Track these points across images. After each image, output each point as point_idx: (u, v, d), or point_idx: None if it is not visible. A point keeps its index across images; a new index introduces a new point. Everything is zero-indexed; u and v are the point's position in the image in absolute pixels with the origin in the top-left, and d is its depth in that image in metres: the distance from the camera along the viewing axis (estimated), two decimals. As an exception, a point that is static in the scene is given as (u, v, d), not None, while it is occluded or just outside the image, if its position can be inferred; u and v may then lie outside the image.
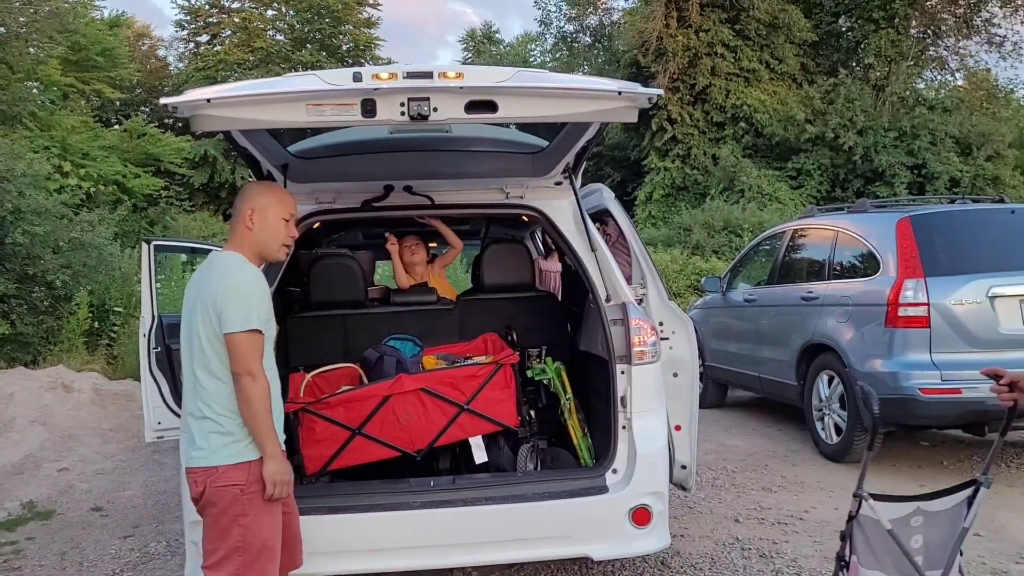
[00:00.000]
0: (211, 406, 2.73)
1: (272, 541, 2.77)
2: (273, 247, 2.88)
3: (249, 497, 2.71)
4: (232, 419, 2.73)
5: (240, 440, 2.73)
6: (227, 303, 2.67)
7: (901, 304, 5.75)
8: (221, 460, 2.72)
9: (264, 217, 2.84)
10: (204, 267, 2.87)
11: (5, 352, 10.09)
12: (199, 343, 2.73)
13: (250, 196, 2.89)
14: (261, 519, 2.73)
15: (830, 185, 20.21)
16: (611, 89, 2.84)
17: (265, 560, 2.75)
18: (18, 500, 5.90)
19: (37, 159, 11.89)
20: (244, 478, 2.71)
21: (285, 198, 2.93)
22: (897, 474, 6.07)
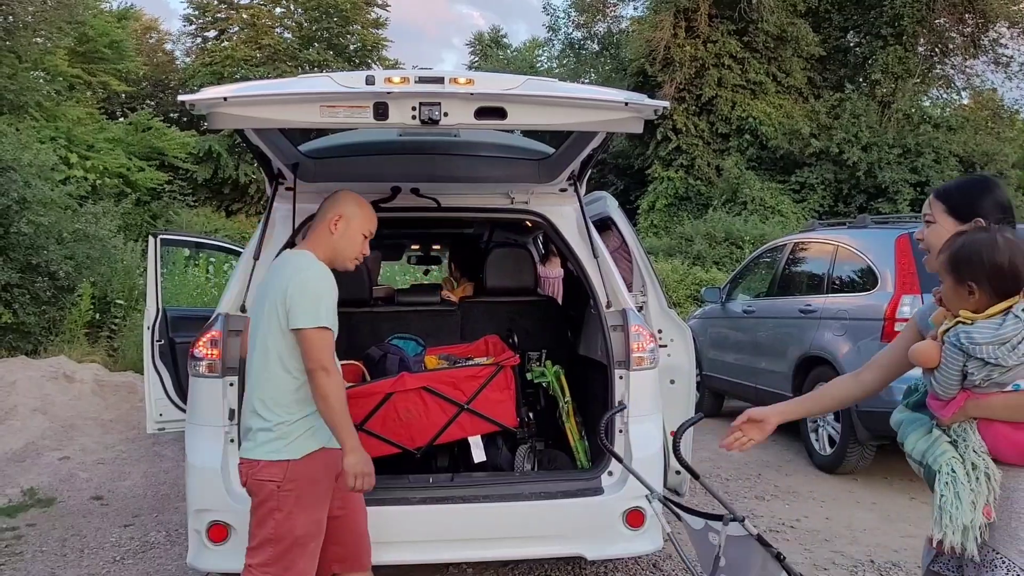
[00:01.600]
0: (264, 401, 2.82)
1: (304, 538, 2.81)
2: (347, 256, 2.99)
3: (284, 494, 2.78)
4: (279, 415, 2.80)
5: (282, 438, 2.80)
6: (297, 299, 2.75)
7: (897, 319, 5.80)
8: (262, 455, 2.80)
9: (348, 226, 2.96)
10: (276, 264, 2.97)
11: (7, 341, 10.14)
12: (263, 337, 2.82)
13: (340, 203, 2.99)
14: (294, 516, 2.78)
15: (833, 200, 20.26)
16: (618, 100, 2.89)
17: (295, 555, 2.80)
18: (19, 487, 5.96)
19: (43, 149, 11.96)
20: (281, 475, 2.78)
21: (371, 215, 3.06)
22: (889, 487, 6.13)
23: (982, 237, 2.18)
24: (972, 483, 2.15)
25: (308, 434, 2.83)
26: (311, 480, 2.83)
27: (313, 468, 2.83)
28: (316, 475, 2.84)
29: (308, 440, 2.83)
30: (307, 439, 2.83)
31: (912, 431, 2.33)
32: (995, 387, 2.14)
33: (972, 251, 2.17)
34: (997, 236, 2.15)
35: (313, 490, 2.84)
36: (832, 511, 5.53)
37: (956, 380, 2.19)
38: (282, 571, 2.79)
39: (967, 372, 2.16)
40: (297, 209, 3.96)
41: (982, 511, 2.12)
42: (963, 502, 2.13)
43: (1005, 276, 2.13)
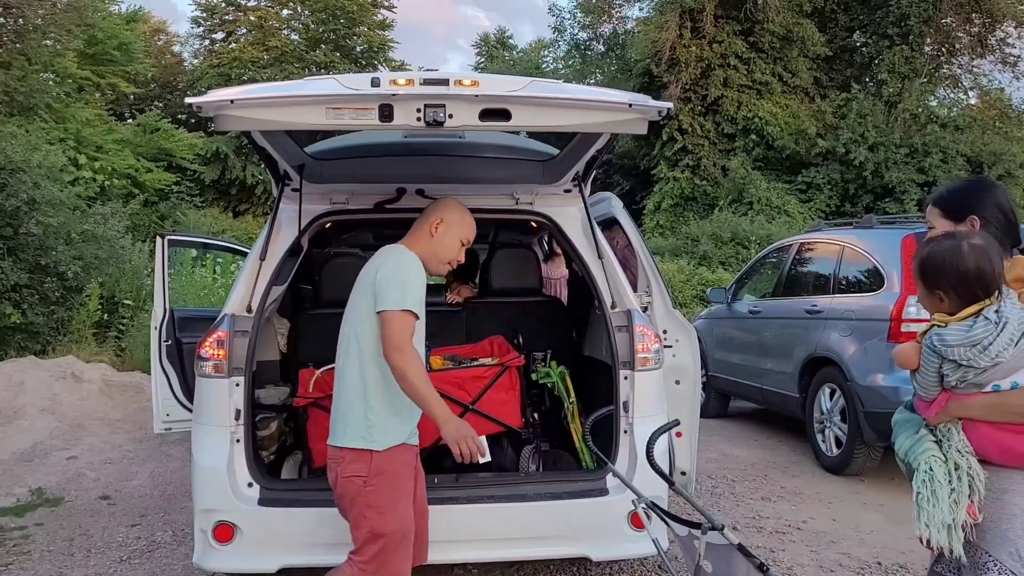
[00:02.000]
0: (353, 390, 2.89)
1: (401, 532, 2.86)
2: (442, 259, 3.08)
3: (372, 488, 2.83)
4: (366, 405, 2.86)
5: (369, 427, 2.85)
6: (385, 284, 2.84)
7: (904, 320, 5.80)
8: (348, 442, 2.86)
9: (448, 230, 3.07)
10: (375, 257, 3.03)
11: (16, 341, 10.19)
12: (354, 326, 2.93)
13: (443, 208, 3.12)
14: (386, 512, 2.83)
15: (840, 200, 20.21)
16: (622, 101, 2.90)
17: (393, 550, 2.85)
18: (27, 487, 5.99)
19: (52, 151, 12.01)
20: (365, 470, 2.83)
21: (472, 225, 3.17)
22: (896, 488, 6.12)
23: (947, 245, 2.20)
24: (954, 482, 2.16)
25: (392, 427, 2.89)
26: (395, 474, 2.87)
27: (396, 463, 2.88)
28: (399, 469, 2.89)
29: (391, 433, 2.89)
30: (391, 432, 2.89)
31: (902, 431, 2.36)
32: (974, 388, 2.16)
33: (937, 260, 2.20)
34: (962, 243, 2.16)
35: (397, 484, 2.88)
36: (839, 512, 5.52)
37: (934, 381, 2.22)
38: (379, 568, 2.84)
39: (943, 374, 2.18)
40: (303, 210, 3.98)
41: (965, 510, 2.13)
42: (940, 500, 2.15)
43: (971, 282, 2.15)
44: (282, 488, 3.71)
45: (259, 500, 3.54)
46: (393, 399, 2.89)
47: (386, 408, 2.88)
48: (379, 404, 2.88)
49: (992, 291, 2.14)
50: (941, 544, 2.16)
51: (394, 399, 2.89)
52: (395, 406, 2.90)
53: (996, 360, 2.08)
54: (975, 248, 2.15)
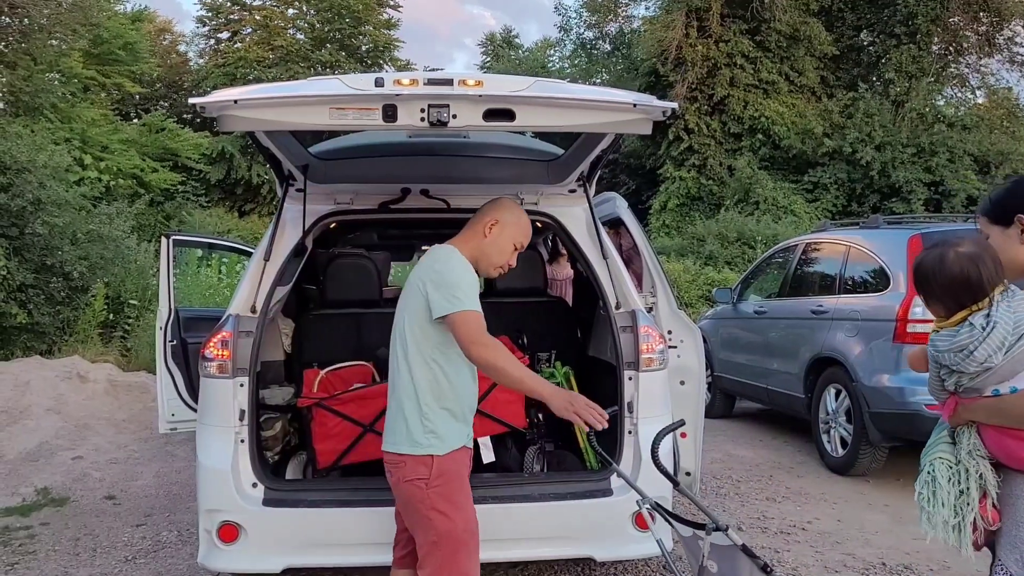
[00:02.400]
0: (407, 391, 2.80)
1: (467, 536, 2.79)
2: (493, 261, 3.00)
3: (435, 491, 2.75)
4: (422, 409, 2.78)
5: (428, 432, 2.77)
6: (439, 290, 2.74)
7: (910, 320, 5.78)
8: (406, 448, 2.78)
9: (502, 232, 2.97)
10: (423, 259, 2.96)
11: (22, 341, 10.21)
12: (402, 329, 2.85)
13: (499, 209, 3.03)
14: (452, 515, 2.76)
15: (846, 200, 20.16)
16: (626, 101, 2.89)
17: (463, 558, 2.78)
18: (33, 486, 6.01)
19: (58, 151, 12.03)
20: (427, 472, 2.75)
21: (527, 228, 3.07)
22: (902, 489, 6.10)
23: (932, 255, 2.22)
24: (961, 483, 2.17)
25: (452, 431, 2.82)
26: (456, 474, 2.82)
27: (457, 463, 2.82)
28: (459, 469, 2.84)
29: (452, 436, 2.82)
30: (452, 436, 2.82)
31: (934, 433, 2.37)
32: (974, 392, 2.16)
33: (922, 270, 2.23)
34: (948, 251, 2.18)
35: (460, 485, 2.82)
36: (844, 513, 5.51)
37: (937, 385, 2.24)
38: (448, 573, 2.77)
39: (942, 378, 2.20)
40: (307, 210, 3.98)
41: (977, 512, 2.14)
42: (940, 500, 2.16)
43: (957, 289, 2.16)
44: (286, 488, 3.71)
45: (263, 500, 3.54)
46: (449, 402, 2.82)
47: (443, 411, 2.81)
48: (435, 407, 2.80)
49: (980, 297, 2.14)
50: (950, 543, 2.18)
51: (450, 402, 2.82)
52: (452, 409, 2.83)
53: (984, 365, 2.08)
54: (960, 255, 2.16)
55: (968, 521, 2.15)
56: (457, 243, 2.96)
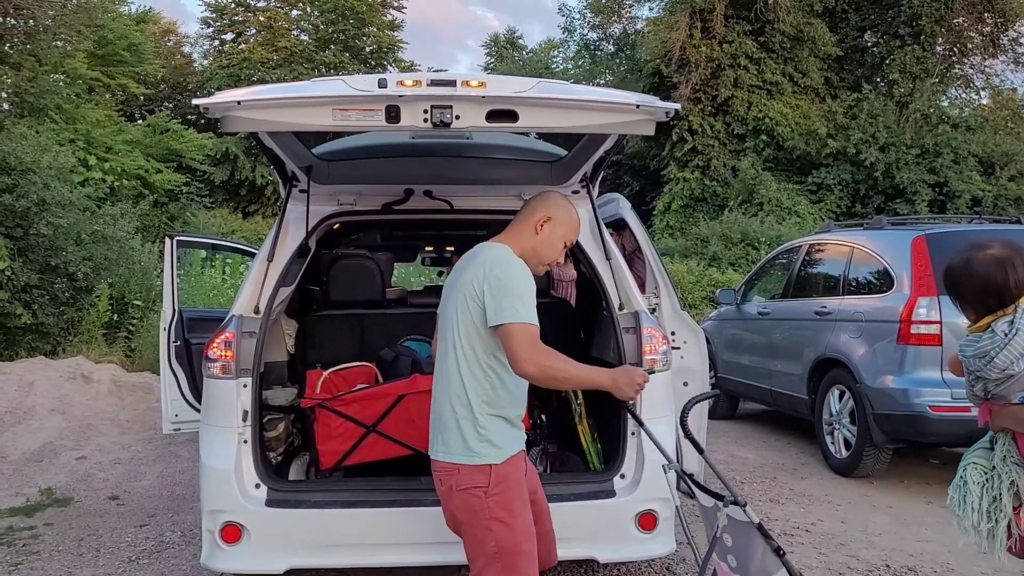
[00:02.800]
0: (459, 398, 2.68)
1: (527, 544, 2.68)
2: (543, 259, 2.90)
3: (494, 500, 2.63)
4: (475, 416, 2.66)
5: (485, 440, 2.66)
6: (496, 295, 2.60)
7: (914, 321, 5.77)
8: (461, 458, 2.66)
9: (554, 229, 2.86)
10: (468, 257, 2.83)
11: (26, 341, 10.25)
12: (455, 333, 2.70)
13: (551, 204, 2.90)
14: (512, 522, 2.65)
15: (851, 200, 20.13)
16: (629, 102, 2.88)
17: (524, 567, 2.68)
18: (37, 486, 6.02)
19: (63, 152, 12.06)
20: (486, 480, 2.64)
21: (577, 226, 2.97)
22: (905, 490, 6.09)
23: (960, 258, 2.21)
24: (994, 489, 2.15)
25: (507, 437, 2.72)
26: (516, 481, 2.71)
27: (515, 469, 2.72)
28: (518, 475, 2.73)
29: (511, 443, 2.72)
30: (510, 442, 2.72)
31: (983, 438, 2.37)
32: (1001, 399, 2.15)
33: (951, 273, 2.21)
34: (976, 254, 2.16)
35: (518, 491, 2.71)
36: (847, 515, 5.49)
37: (969, 390, 2.21)
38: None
39: (971, 383, 2.18)
40: (311, 211, 3.99)
41: (1012, 518, 2.12)
42: (967, 505, 2.15)
43: (983, 293, 2.15)
44: (289, 489, 3.72)
45: (266, 501, 3.54)
46: (505, 409, 2.72)
47: (499, 419, 2.70)
48: (489, 414, 2.67)
49: (1007, 301, 2.11)
50: (982, 548, 2.17)
51: (506, 408, 2.72)
52: (507, 416, 2.73)
53: (1006, 372, 2.06)
54: (987, 258, 2.13)
55: (1001, 527, 2.13)
56: (508, 241, 2.84)
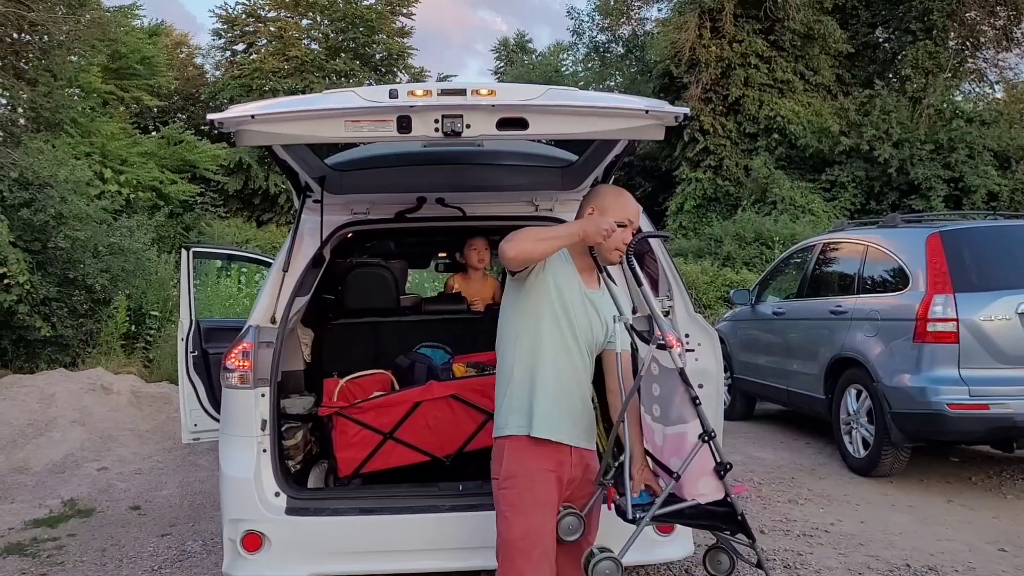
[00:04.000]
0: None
1: (523, 543, 2.73)
2: (607, 246, 2.89)
3: (503, 493, 2.79)
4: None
5: (500, 414, 2.85)
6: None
7: (930, 319, 5.75)
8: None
9: (604, 217, 2.88)
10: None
11: (46, 354, 10.35)
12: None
13: (595, 196, 3.00)
14: (511, 519, 2.75)
15: (865, 198, 20.00)
16: (639, 107, 2.89)
17: (518, 563, 2.73)
18: (60, 498, 6.09)
19: (79, 165, 12.18)
20: (498, 471, 2.82)
21: (627, 203, 2.97)
22: (925, 490, 6.06)
23: None
24: None
25: (513, 418, 2.80)
26: (528, 478, 2.77)
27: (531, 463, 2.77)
28: (532, 473, 2.77)
29: (513, 421, 2.80)
30: (513, 422, 2.80)
31: None
32: None
33: None
34: None
35: (531, 488, 2.75)
36: (867, 514, 5.47)
37: None
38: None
39: None
40: (325, 221, 4.02)
41: None
42: None
43: None
44: (309, 497, 3.75)
45: (286, 509, 3.57)
46: (512, 382, 2.87)
47: (504, 392, 2.90)
48: (501, 390, 2.90)
49: None
50: None
51: (512, 382, 2.87)
52: (513, 393, 2.87)
53: None
54: None
55: None
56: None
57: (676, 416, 2.71)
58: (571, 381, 2.83)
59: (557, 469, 2.80)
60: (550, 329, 2.81)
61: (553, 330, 2.81)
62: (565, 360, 2.81)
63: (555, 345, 2.80)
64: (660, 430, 2.77)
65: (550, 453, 2.79)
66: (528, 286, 2.82)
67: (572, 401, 2.84)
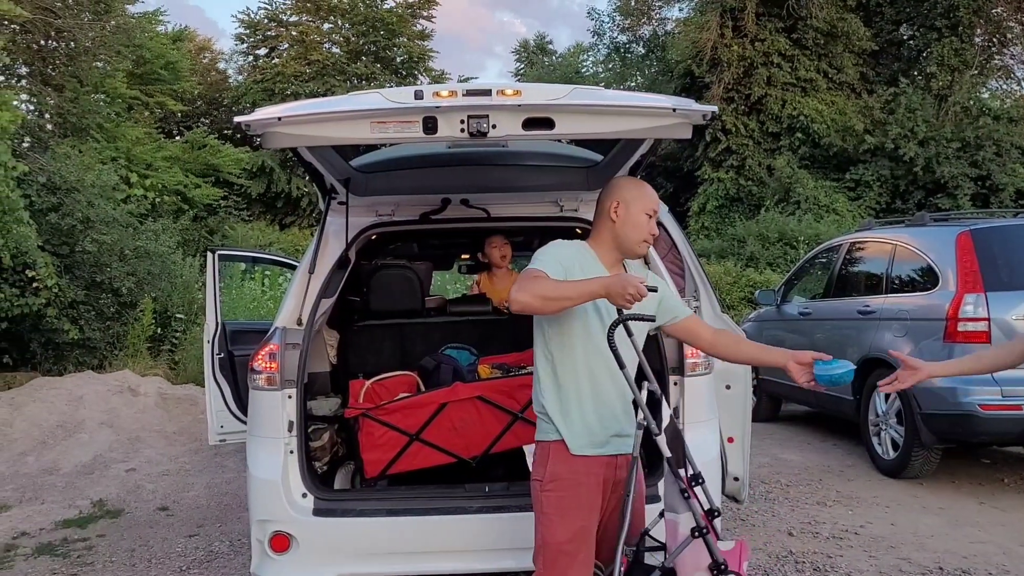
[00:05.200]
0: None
1: (569, 546, 2.68)
2: (634, 239, 2.84)
3: (546, 495, 2.71)
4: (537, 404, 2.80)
5: (542, 418, 2.78)
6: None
7: (961, 319, 5.67)
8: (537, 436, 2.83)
9: (628, 210, 2.83)
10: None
11: (75, 356, 10.47)
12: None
13: (615, 190, 2.91)
14: (556, 521, 2.69)
15: (890, 196, 19.81)
16: (666, 106, 2.87)
17: (563, 565, 2.69)
18: (89, 499, 6.15)
19: (105, 170, 12.32)
20: (541, 474, 2.73)
21: (649, 193, 2.90)
22: (957, 491, 5.97)
23: None
24: None
25: (555, 424, 2.74)
26: (573, 481, 2.71)
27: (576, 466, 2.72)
28: (577, 476, 2.72)
29: (555, 427, 2.75)
30: (555, 428, 2.75)
31: None
32: None
33: None
34: None
35: (576, 491, 2.71)
36: (897, 517, 5.40)
37: None
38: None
39: None
40: (350, 223, 4.03)
41: None
42: None
43: None
44: (336, 498, 3.75)
45: (313, 510, 3.58)
46: (556, 396, 2.79)
47: (552, 405, 2.79)
48: (548, 401, 2.79)
49: None
50: None
51: (557, 397, 2.79)
52: (562, 407, 2.78)
53: None
54: None
55: None
56: (591, 241, 2.90)
57: (668, 504, 2.68)
58: (607, 383, 2.77)
59: (602, 471, 2.76)
60: (582, 332, 2.75)
61: (587, 332, 2.75)
62: (599, 361, 2.75)
63: (588, 347, 2.75)
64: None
65: (594, 460, 2.75)
66: None
67: (609, 405, 2.77)
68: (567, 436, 2.72)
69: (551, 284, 2.58)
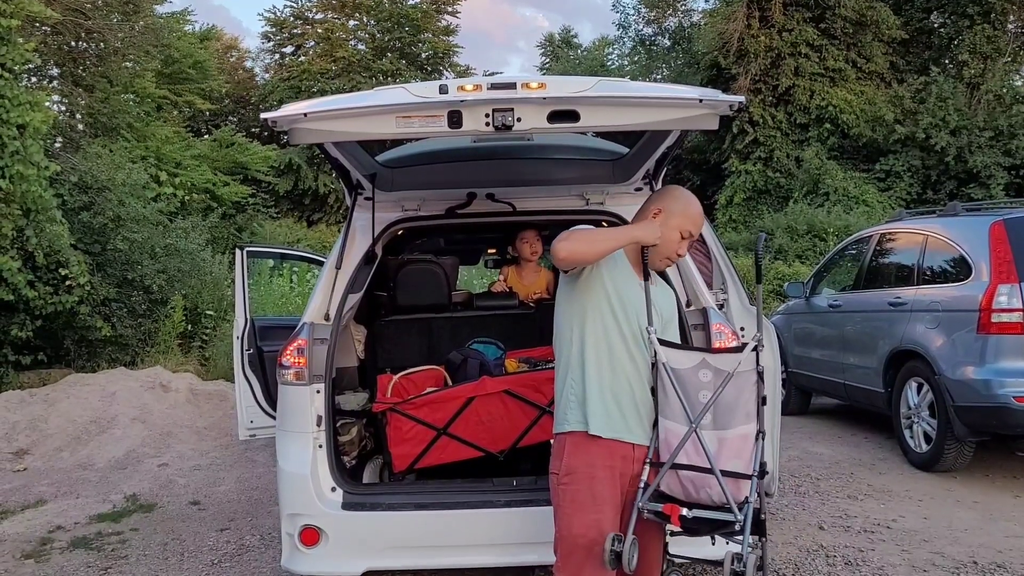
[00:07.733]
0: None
1: (585, 539, 2.66)
2: (660, 252, 2.85)
3: (563, 488, 2.73)
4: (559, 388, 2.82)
5: (559, 410, 2.81)
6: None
7: (994, 310, 5.58)
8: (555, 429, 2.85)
9: (667, 221, 2.82)
10: None
11: (107, 353, 10.61)
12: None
13: (664, 197, 2.92)
14: (571, 514, 2.70)
15: (921, 187, 19.52)
16: (692, 97, 2.84)
17: (579, 558, 2.68)
18: (122, 493, 6.24)
19: (135, 169, 12.47)
20: (557, 467, 2.76)
21: (693, 214, 2.88)
22: (990, 484, 5.89)
23: None
24: None
25: (572, 414, 2.75)
26: (588, 474, 2.70)
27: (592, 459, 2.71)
28: (593, 469, 2.71)
29: (572, 417, 2.75)
30: (572, 418, 2.75)
31: None
32: None
33: None
34: None
35: (591, 484, 2.70)
36: (930, 510, 5.33)
37: None
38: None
39: None
40: (376, 218, 4.05)
41: None
42: None
43: None
44: (364, 492, 3.78)
45: (343, 504, 3.61)
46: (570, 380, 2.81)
47: (565, 389, 2.83)
48: (561, 386, 2.83)
49: None
50: None
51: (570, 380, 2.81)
52: (574, 393, 2.80)
53: None
54: None
55: None
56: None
57: (743, 416, 2.68)
58: (629, 375, 2.76)
59: (619, 465, 2.74)
60: (605, 324, 2.75)
61: (609, 325, 2.75)
62: (623, 354, 2.75)
63: (611, 339, 2.75)
64: (713, 437, 2.70)
65: (610, 449, 2.73)
66: (581, 283, 2.78)
67: (630, 396, 2.77)
68: (589, 417, 2.72)
69: (595, 231, 2.74)
